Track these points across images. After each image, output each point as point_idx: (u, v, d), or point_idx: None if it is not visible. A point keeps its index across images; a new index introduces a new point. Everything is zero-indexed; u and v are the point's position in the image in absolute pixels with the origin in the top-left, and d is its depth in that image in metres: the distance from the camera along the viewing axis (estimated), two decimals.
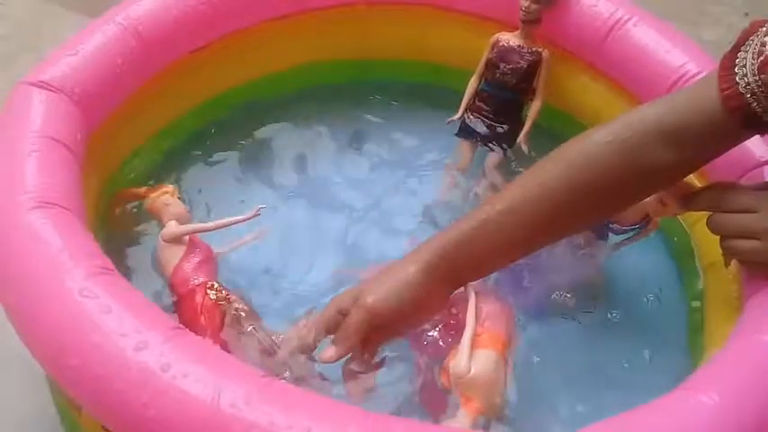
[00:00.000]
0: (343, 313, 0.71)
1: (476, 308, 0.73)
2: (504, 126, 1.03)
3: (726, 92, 0.66)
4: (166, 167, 1.01)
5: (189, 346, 0.60)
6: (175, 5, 0.92)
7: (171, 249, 0.83)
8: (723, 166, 0.81)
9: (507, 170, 1.00)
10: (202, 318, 0.78)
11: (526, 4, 0.98)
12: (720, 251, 0.74)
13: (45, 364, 0.63)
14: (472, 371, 0.69)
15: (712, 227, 0.74)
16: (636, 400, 0.61)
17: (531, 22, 1.00)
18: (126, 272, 0.85)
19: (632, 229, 0.85)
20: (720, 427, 0.58)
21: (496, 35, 1.02)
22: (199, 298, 0.79)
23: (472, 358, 0.70)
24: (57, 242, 0.65)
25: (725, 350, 0.66)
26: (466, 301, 0.73)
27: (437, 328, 0.76)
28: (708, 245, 0.79)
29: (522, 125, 1.02)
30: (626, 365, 0.84)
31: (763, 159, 0.79)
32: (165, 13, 0.91)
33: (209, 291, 0.80)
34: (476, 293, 0.74)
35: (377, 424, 0.57)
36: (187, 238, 0.84)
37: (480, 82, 1.04)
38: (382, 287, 0.70)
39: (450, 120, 1.03)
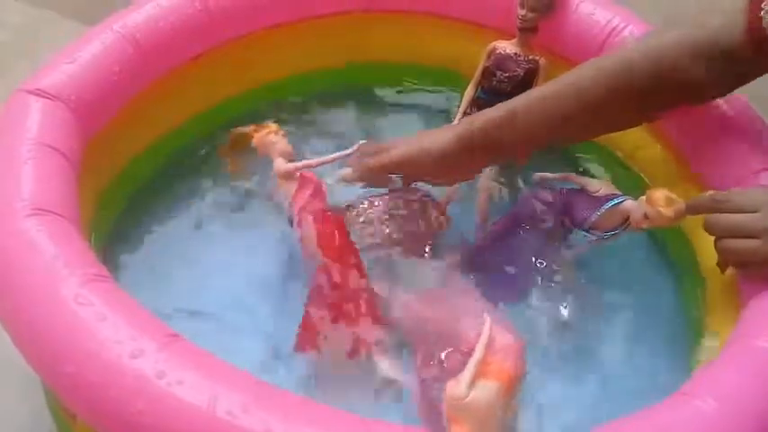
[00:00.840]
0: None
1: (488, 336, 0.69)
2: None
3: (751, 24, 0.72)
4: (165, 175, 1.01)
5: (184, 353, 0.60)
6: (173, 13, 0.92)
7: (286, 184, 0.91)
8: (718, 174, 0.82)
9: (502, 176, 1.00)
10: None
11: (523, 12, 0.98)
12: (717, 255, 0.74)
13: (40, 371, 0.63)
14: (470, 396, 0.65)
15: (709, 227, 0.74)
16: (632, 406, 0.61)
17: (527, 30, 1.00)
18: (121, 276, 0.85)
19: (610, 234, 0.85)
20: None
21: (493, 43, 1.02)
22: (310, 218, 0.86)
23: (474, 386, 0.66)
24: (52, 249, 0.65)
25: (722, 355, 0.66)
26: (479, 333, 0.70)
27: (445, 352, 0.74)
28: (707, 249, 0.79)
29: None
30: (621, 371, 0.83)
31: (759, 168, 0.79)
32: (162, 20, 0.91)
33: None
34: (491, 323, 0.71)
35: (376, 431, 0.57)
36: (298, 173, 0.90)
37: (477, 90, 1.04)
38: (408, 143, 0.83)
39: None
